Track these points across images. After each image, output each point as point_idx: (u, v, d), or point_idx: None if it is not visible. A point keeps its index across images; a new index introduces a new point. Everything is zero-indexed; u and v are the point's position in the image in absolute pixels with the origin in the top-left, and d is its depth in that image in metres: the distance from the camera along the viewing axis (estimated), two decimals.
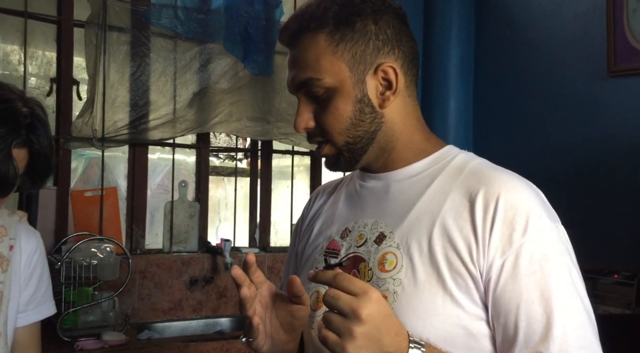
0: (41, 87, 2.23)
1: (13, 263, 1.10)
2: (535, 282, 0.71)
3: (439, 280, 0.73)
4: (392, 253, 0.78)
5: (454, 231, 0.75)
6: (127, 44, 2.22)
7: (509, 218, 0.72)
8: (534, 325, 0.70)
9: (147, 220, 2.38)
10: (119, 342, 1.83)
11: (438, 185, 0.80)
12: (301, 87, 0.80)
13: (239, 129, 2.42)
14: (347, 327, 0.63)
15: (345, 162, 0.82)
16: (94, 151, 2.29)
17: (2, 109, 0.95)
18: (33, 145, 0.98)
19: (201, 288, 2.33)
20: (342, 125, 0.79)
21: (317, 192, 1.01)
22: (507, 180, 0.76)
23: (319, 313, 0.82)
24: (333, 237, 0.87)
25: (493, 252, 0.72)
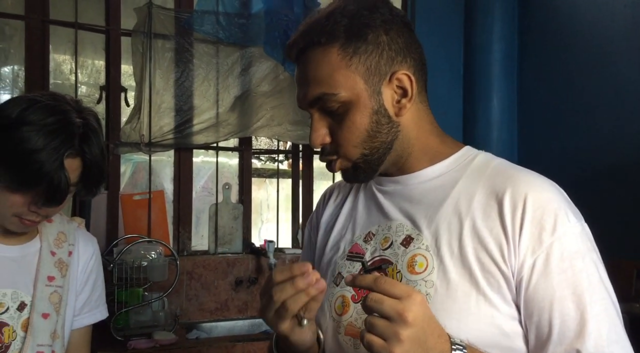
0: (91, 95, 2.32)
1: (71, 269, 1.15)
2: (566, 279, 0.72)
3: (472, 280, 0.74)
4: (422, 255, 0.78)
5: (483, 231, 0.75)
6: (172, 50, 2.28)
7: (538, 218, 0.73)
8: (567, 322, 0.71)
9: (192, 222, 2.44)
10: (169, 342, 1.88)
11: (462, 186, 0.80)
12: (315, 103, 0.79)
13: (280, 133, 2.45)
14: (394, 330, 0.63)
15: (364, 173, 0.82)
16: (140, 155, 2.36)
17: (57, 121, 0.99)
18: (85, 155, 1.02)
19: (246, 288, 2.37)
20: (358, 138, 0.79)
21: (332, 188, 1.00)
22: (532, 180, 0.77)
23: (345, 318, 0.82)
24: (356, 240, 0.87)
25: (524, 251, 0.73)
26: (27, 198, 1.00)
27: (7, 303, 1.05)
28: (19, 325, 1.06)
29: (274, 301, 0.71)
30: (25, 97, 1.03)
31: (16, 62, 2.26)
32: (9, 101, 1.04)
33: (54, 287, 1.11)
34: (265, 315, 0.74)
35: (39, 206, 1.01)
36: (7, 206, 1.00)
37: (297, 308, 0.71)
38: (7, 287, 1.06)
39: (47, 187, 0.98)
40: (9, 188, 0.98)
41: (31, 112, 0.98)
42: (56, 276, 1.12)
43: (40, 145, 0.96)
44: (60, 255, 1.14)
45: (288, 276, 0.71)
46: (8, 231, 1.07)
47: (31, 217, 1.02)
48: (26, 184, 0.98)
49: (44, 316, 1.08)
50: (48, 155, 0.96)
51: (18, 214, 1.01)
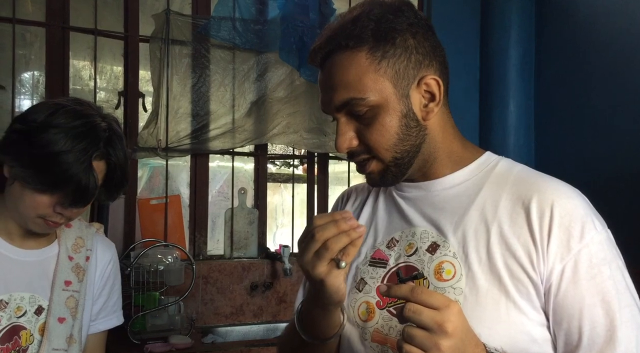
0: (110, 100, 2.35)
1: (88, 274, 1.17)
2: (595, 286, 0.72)
3: (501, 287, 0.74)
4: (449, 262, 0.78)
5: (511, 238, 0.75)
6: (189, 56, 2.30)
7: (566, 225, 0.73)
8: (597, 329, 0.72)
9: (208, 226, 2.45)
10: (185, 346, 1.89)
11: (487, 193, 0.80)
12: (342, 108, 0.79)
13: (296, 141, 2.46)
14: (434, 341, 0.63)
15: (393, 176, 0.82)
16: (157, 160, 2.39)
17: (83, 124, 1.01)
18: (110, 157, 1.04)
19: (261, 293, 2.37)
20: (390, 141, 0.78)
21: (348, 193, 0.99)
22: (558, 188, 0.77)
23: (370, 324, 0.82)
24: (378, 246, 0.86)
25: (552, 258, 0.73)
26: (53, 200, 1.01)
27: (25, 307, 1.07)
28: (36, 328, 1.07)
29: (314, 240, 0.70)
30: (51, 102, 1.05)
31: (36, 68, 2.30)
32: (36, 106, 1.06)
33: (70, 291, 1.12)
34: (303, 259, 0.73)
35: (65, 207, 1.03)
36: (32, 207, 1.02)
37: (338, 248, 0.70)
38: (25, 291, 1.07)
39: (75, 187, 1.00)
40: (37, 189, 1.00)
41: (57, 116, 1.00)
42: (73, 281, 1.13)
43: (68, 147, 0.98)
44: (78, 260, 1.15)
45: (329, 219, 0.71)
46: (27, 235, 1.08)
47: (55, 218, 1.04)
48: (55, 185, 1.00)
49: (60, 320, 1.09)
50: (76, 156, 0.98)
51: (43, 215, 1.03)
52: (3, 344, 1.03)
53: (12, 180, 1.03)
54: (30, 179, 1.00)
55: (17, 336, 1.05)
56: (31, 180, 1.00)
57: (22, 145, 1.00)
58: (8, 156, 1.02)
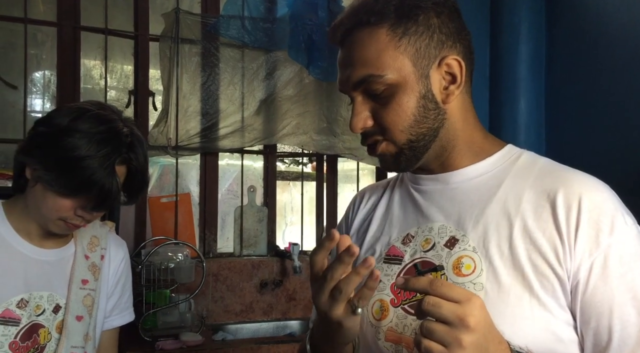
0: (120, 99, 2.36)
1: (103, 272, 1.18)
2: (626, 283, 0.68)
3: (525, 283, 0.70)
4: (469, 257, 0.74)
5: (536, 233, 0.71)
6: (198, 55, 2.31)
7: (594, 219, 0.70)
8: (628, 329, 0.67)
9: (218, 224, 2.46)
10: (195, 343, 1.90)
11: (509, 185, 0.76)
12: (359, 85, 0.76)
13: (305, 142, 2.46)
14: (455, 336, 0.59)
15: (406, 161, 0.78)
16: (167, 158, 2.40)
17: (107, 130, 1.02)
18: (132, 162, 1.05)
19: (271, 291, 2.38)
20: (406, 122, 0.75)
21: (362, 194, 0.96)
22: (585, 181, 0.74)
23: (384, 323, 0.79)
24: (392, 243, 0.83)
25: (580, 253, 0.69)
26: (75, 203, 1.02)
27: (43, 306, 1.08)
28: (53, 326, 1.09)
29: (327, 280, 0.68)
30: (74, 106, 1.06)
31: (48, 68, 2.32)
32: (59, 110, 1.07)
33: (87, 290, 1.13)
34: (319, 300, 0.70)
35: (87, 211, 1.04)
36: (54, 210, 1.03)
37: (351, 289, 0.67)
38: (44, 290, 1.08)
39: (98, 192, 1.01)
40: (59, 193, 1.01)
41: (82, 121, 1.01)
42: (89, 279, 1.14)
43: (93, 152, 0.99)
44: (93, 259, 1.16)
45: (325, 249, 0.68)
46: (46, 235, 1.10)
47: (76, 221, 1.05)
48: (78, 190, 1.01)
49: (77, 318, 1.10)
50: (100, 161, 0.99)
51: (64, 218, 1.04)
52: (23, 342, 1.04)
53: (35, 182, 1.04)
54: (54, 182, 1.00)
55: (36, 334, 1.06)
56: (54, 184, 1.00)
57: (46, 148, 1.01)
58: (31, 158, 1.03)
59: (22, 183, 1.07)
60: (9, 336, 1.03)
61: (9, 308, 1.04)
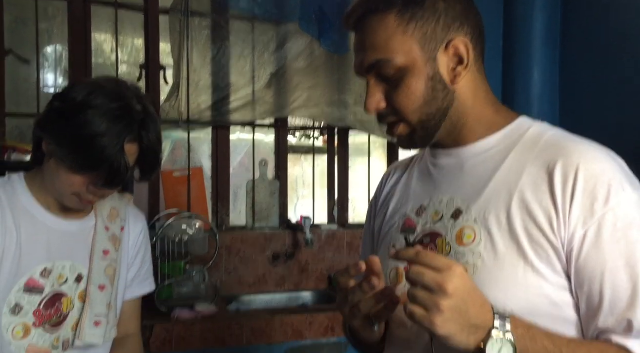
0: (131, 74, 2.36)
1: (123, 243, 1.20)
2: (619, 250, 0.71)
3: (520, 251, 0.74)
4: (470, 227, 0.79)
5: (533, 204, 0.75)
6: (208, 28, 2.29)
7: (590, 189, 0.72)
8: (619, 293, 0.71)
9: (230, 198, 2.48)
10: (210, 313, 1.94)
11: (514, 159, 0.80)
12: (371, 69, 0.80)
13: (317, 114, 2.45)
14: (434, 301, 0.65)
15: (420, 139, 0.83)
16: (179, 133, 2.41)
17: (119, 107, 1.03)
18: (143, 140, 1.06)
19: (283, 263, 2.41)
20: (416, 104, 0.79)
21: (390, 171, 1.03)
22: (586, 151, 0.76)
23: (399, 288, 0.85)
24: (408, 214, 0.89)
25: (574, 223, 0.72)
26: (86, 180, 1.04)
27: (66, 275, 1.11)
28: (76, 296, 1.12)
29: (348, 301, 0.77)
30: (89, 82, 1.07)
31: (59, 42, 2.32)
32: (73, 85, 1.08)
33: (109, 260, 1.16)
34: (342, 311, 0.80)
35: (98, 187, 1.05)
36: (67, 185, 1.05)
37: (367, 310, 0.77)
38: (67, 260, 1.11)
39: (107, 170, 1.02)
40: (71, 169, 1.03)
41: (96, 97, 1.02)
42: (110, 250, 1.17)
43: (104, 130, 1.00)
44: (114, 230, 1.19)
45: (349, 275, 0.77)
46: (65, 208, 1.12)
47: (89, 197, 1.07)
48: (88, 167, 1.02)
49: (100, 288, 1.13)
50: (110, 139, 1.00)
51: (77, 193, 1.06)
52: (47, 310, 1.08)
53: (50, 157, 1.06)
54: (65, 158, 1.02)
55: (59, 303, 1.09)
56: (66, 159, 1.02)
57: (60, 124, 1.02)
58: (46, 133, 1.05)
59: (40, 157, 1.09)
60: (34, 304, 1.07)
61: (34, 277, 1.07)
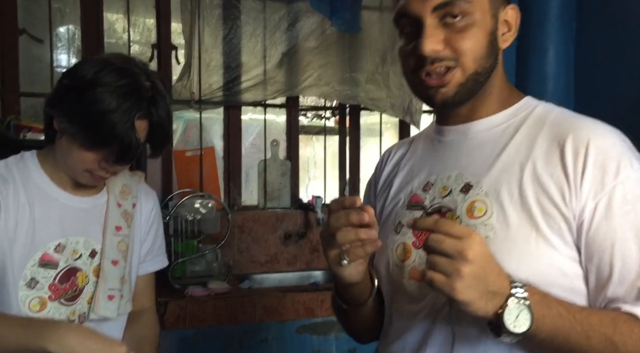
0: (143, 53, 2.37)
1: (135, 219, 1.22)
2: (629, 222, 0.73)
3: (532, 223, 0.75)
4: (481, 200, 0.80)
5: (544, 176, 0.76)
6: (219, 7, 2.28)
7: (600, 162, 0.74)
8: (629, 264, 0.72)
9: (242, 178, 2.50)
10: (223, 290, 1.97)
11: (522, 135, 0.81)
12: (441, 7, 0.77)
13: (328, 92, 2.44)
14: (455, 267, 0.65)
15: (467, 92, 0.80)
16: (191, 113, 2.42)
17: (128, 83, 1.03)
18: (152, 117, 1.06)
19: (295, 242, 2.43)
20: (478, 51, 0.78)
21: (390, 150, 1.02)
22: (595, 127, 0.78)
23: (408, 263, 0.86)
24: (415, 191, 0.89)
25: (585, 194, 0.74)
26: (98, 156, 1.05)
27: (80, 250, 1.13)
28: (90, 270, 1.14)
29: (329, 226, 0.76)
30: (98, 59, 1.07)
31: (71, 22, 2.33)
32: (82, 63, 1.08)
33: (121, 236, 1.18)
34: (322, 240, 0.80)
35: (110, 164, 1.07)
36: (79, 161, 1.06)
37: (343, 241, 0.75)
38: (80, 235, 1.13)
39: (118, 146, 1.03)
40: (83, 146, 1.04)
41: (105, 74, 1.02)
42: (123, 226, 1.19)
43: (114, 106, 1.00)
44: (126, 206, 1.21)
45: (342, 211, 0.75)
46: (79, 184, 1.14)
47: (101, 173, 1.09)
48: (99, 143, 1.03)
49: (113, 263, 1.15)
50: (120, 116, 1.01)
51: (89, 170, 1.08)
52: (62, 284, 1.10)
53: (61, 134, 1.07)
54: (77, 135, 1.03)
55: (74, 277, 1.12)
56: (77, 136, 1.03)
57: (70, 101, 1.03)
58: (57, 111, 1.06)
59: (52, 135, 1.10)
60: (49, 278, 1.09)
61: (48, 252, 1.09)
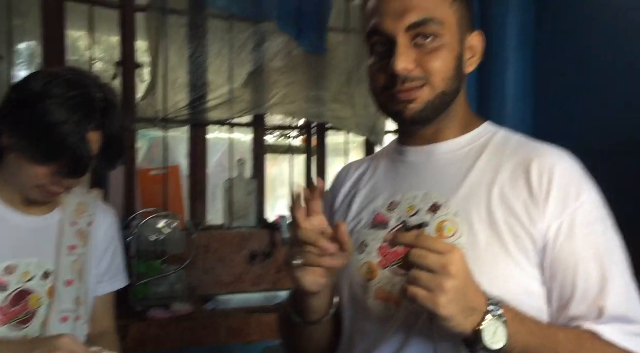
0: (107, 71, 2.34)
1: (92, 238, 1.19)
2: (589, 242, 0.77)
3: (501, 243, 0.78)
4: (450, 220, 0.81)
5: (512, 198, 0.79)
6: (186, 26, 2.28)
7: (564, 185, 0.78)
8: (590, 281, 0.76)
9: (207, 197, 2.47)
10: (186, 312, 1.93)
11: (487, 158, 0.85)
12: (414, 28, 0.79)
13: (294, 111, 2.46)
14: (438, 282, 0.65)
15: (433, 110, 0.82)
16: (156, 131, 2.39)
17: (79, 95, 1.01)
18: (106, 128, 1.05)
19: (260, 262, 2.41)
20: (447, 72, 0.80)
21: (347, 168, 1.02)
22: (556, 152, 0.83)
23: (373, 283, 0.85)
24: (379, 210, 0.89)
25: (550, 215, 0.77)
26: (50, 170, 1.02)
27: (33, 272, 1.09)
28: (44, 292, 1.10)
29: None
30: (47, 71, 1.05)
31: (33, 39, 2.28)
32: (32, 75, 1.06)
33: (76, 255, 1.15)
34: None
35: (62, 177, 1.04)
36: (30, 177, 1.03)
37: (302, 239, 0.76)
38: (32, 257, 1.10)
39: (70, 159, 1.01)
40: (34, 160, 1.01)
41: (54, 86, 1.00)
42: (77, 245, 1.15)
43: (64, 118, 0.98)
44: (81, 225, 1.18)
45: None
46: (29, 203, 1.10)
47: (54, 188, 1.05)
48: (51, 156, 1.01)
49: (67, 283, 1.12)
50: (71, 128, 0.98)
51: (41, 185, 1.04)
52: (12, 307, 1.06)
53: (11, 150, 1.03)
54: (27, 149, 1.00)
55: (25, 300, 1.08)
56: (28, 151, 1.00)
57: (19, 115, 1.00)
58: (5, 125, 1.03)
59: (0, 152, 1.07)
60: None
61: None
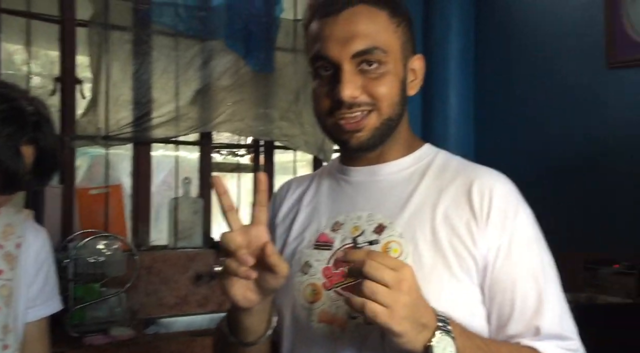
0: (45, 87, 2.25)
1: (21, 261, 1.13)
2: (525, 262, 0.80)
3: (445, 263, 0.79)
4: (396, 241, 0.82)
5: (454, 218, 0.81)
6: (130, 42, 2.24)
7: (502, 207, 0.81)
8: (527, 301, 0.79)
9: (151, 216, 2.41)
10: (126, 337, 1.86)
11: (429, 180, 0.86)
12: (359, 55, 0.80)
13: (242, 128, 2.45)
14: (394, 298, 0.65)
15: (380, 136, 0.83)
16: (98, 149, 2.32)
17: (8, 108, 0.97)
18: (39, 142, 1.01)
19: (206, 283, 2.35)
20: (393, 98, 0.82)
21: (288, 185, 1.00)
22: (494, 175, 0.86)
23: (317, 305, 0.84)
24: (322, 230, 0.88)
25: (490, 235, 0.80)
26: None
27: None
28: None
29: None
30: None
31: None
32: None
33: (3, 280, 1.08)
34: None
35: None
36: None
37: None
38: None
39: (3, 174, 0.96)
40: None
41: None
42: (4, 269, 1.09)
43: None
44: (8, 247, 1.11)
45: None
46: None
47: None
48: None
49: None
50: (3, 142, 0.94)
51: None
52: None
53: None
54: None
55: None
56: None
57: None
58: None
59: None
60: None
61: None
